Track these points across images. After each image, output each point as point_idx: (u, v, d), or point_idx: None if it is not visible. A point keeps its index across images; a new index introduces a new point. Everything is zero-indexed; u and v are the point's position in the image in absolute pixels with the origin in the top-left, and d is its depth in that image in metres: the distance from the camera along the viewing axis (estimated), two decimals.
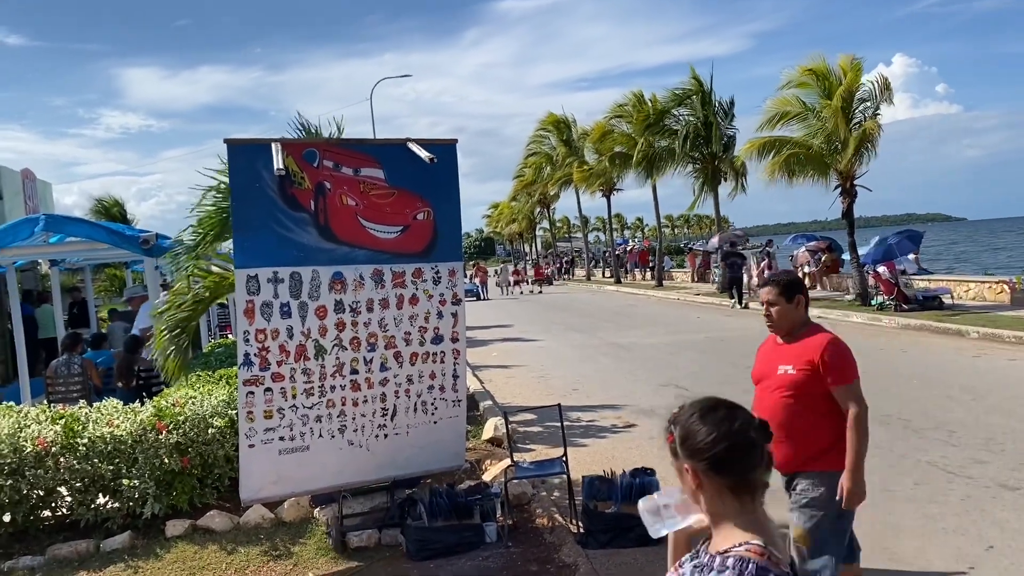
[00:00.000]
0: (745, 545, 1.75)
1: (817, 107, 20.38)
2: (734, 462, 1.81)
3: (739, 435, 1.82)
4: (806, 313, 4.04)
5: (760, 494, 1.85)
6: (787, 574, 1.74)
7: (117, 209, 30.42)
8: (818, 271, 25.96)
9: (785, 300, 3.97)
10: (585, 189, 41.33)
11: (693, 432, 1.87)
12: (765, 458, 1.84)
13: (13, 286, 11.47)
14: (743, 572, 1.70)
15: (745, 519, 1.81)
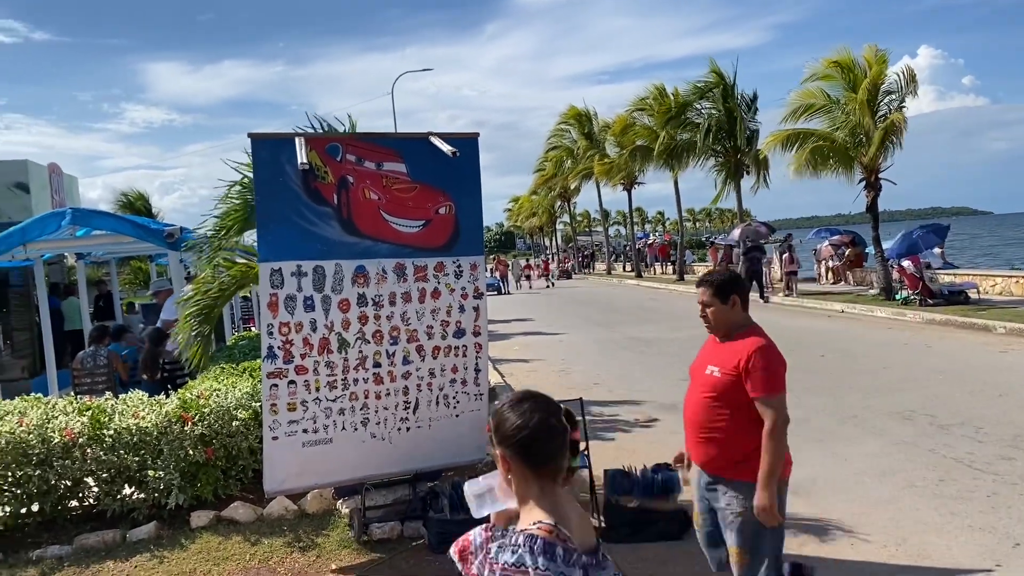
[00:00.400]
0: (537, 524, 1.94)
1: (842, 100, 20.21)
2: (536, 449, 2.01)
3: (541, 425, 2.00)
4: (744, 313, 3.88)
5: (561, 478, 2.04)
6: (573, 549, 1.91)
7: (142, 203, 30.67)
8: (842, 265, 25.77)
9: (720, 301, 3.84)
10: (606, 183, 41.25)
11: (502, 421, 2.07)
12: (567, 446, 2.04)
13: (41, 279, 11.60)
14: (532, 547, 1.89)
15: (545, 501, 2.00)
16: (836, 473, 6.76)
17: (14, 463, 5.82)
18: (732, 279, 3.93)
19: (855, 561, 5.05)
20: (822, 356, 12.42)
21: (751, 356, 3.63)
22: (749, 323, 3.86)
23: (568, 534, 1.93)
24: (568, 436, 2.05)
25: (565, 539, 1.92)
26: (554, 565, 1.87)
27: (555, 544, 1.90)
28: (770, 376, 3.60)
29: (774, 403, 3.59)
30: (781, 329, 16.07)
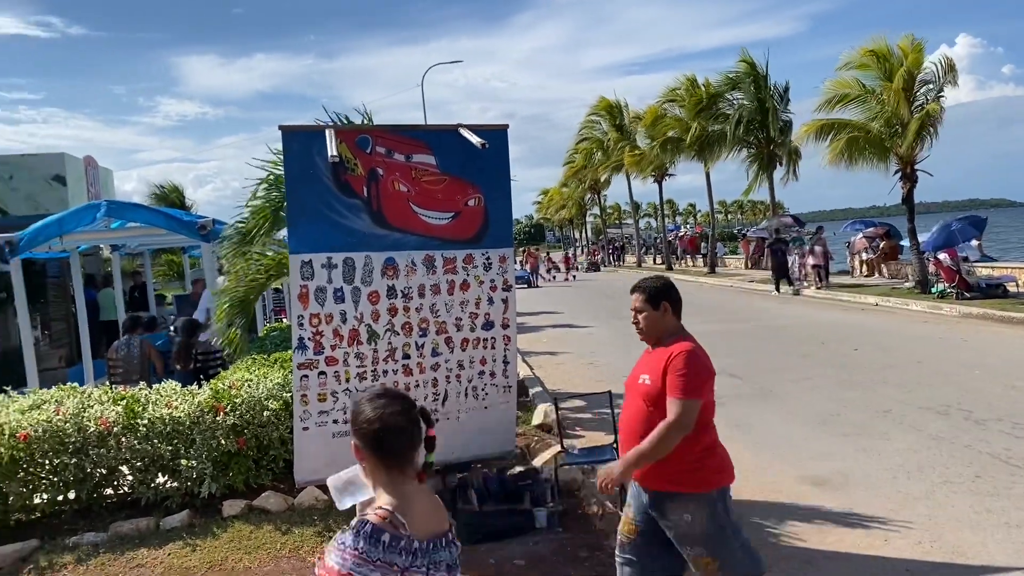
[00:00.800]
0: (376, 510, 2.11)
1: (877, 89, 19.89)
2: (384, 441, 2.18)
3: (390, 419, 2.17)
4: (676, 320, 3.82)
5: (411, 471, 2.22)
6: (403, 536, 2.08)
7: (176, 195, 31.11)
8: (876, 258, 25.41)
9: (651, 307, 3.78)
10: (636, 174, 41.01)
11: (358, 413, 2.24)
12: (417, 442, 2.22)
13: (77, 270, 11.80)
14: (360, 531, 2.05)
15: (392, 489, 2.17)
16: (868, 468, 6.67)
17: (51, 451, 5.93)
18: (664, 286, 3.88)
19: (888, 557, 4.98)
20: (855, 350, 12.27)
21: (673, 359, 3.58)
22: (680, 331, 3.81)
23: (403, 522, 2.09)
24: (422, 433, 2.24)
25: (398, 526, 2.08)
26: (374, 550, 2.04)
27: (383, 531, 2.06)
28: (687, 378, 3.52)
29: (680, 405, 3.50)
30: (813, 322, 15.93)
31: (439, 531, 2.20)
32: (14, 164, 15.40)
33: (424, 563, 2.11)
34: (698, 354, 3.63)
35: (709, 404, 3.67)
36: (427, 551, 2.12)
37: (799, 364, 11.41)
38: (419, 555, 2.10)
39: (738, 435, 7.90)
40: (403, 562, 2.07)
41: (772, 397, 9.44)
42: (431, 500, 2.28)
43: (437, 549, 2.16)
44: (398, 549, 2.06)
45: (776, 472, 6.72)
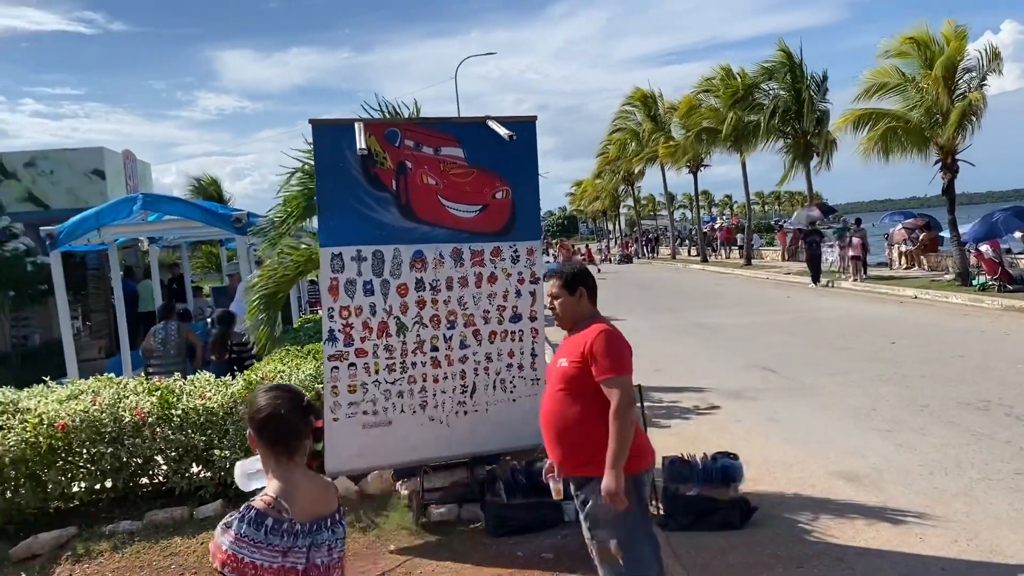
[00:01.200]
0: (262, 496, 2.32)
1: (917, 78, 19.50)
2: (269, 429, 2.38)
3: (276, 410, 2.38)
4: (591, 305, 3.84)
5: (299, 458, 2.41)
6: (286, 519, 2.28)
7: (214, 188, 31.45)
8: (915, 250, 24.96)
9: (568, 292, 3.81)
10: (671, 165, 40.69)
11: (251, 403, 2.47)
12: (304, 432, 2.41)
13: (115, 262, 12.00)
14: (245, 515, 2.25)
15: (280, 475, 2.38)
16: (904, 464, 6.56)
17: (88, 441, 6.04)
18: (580, 272, 3.91)
19: (922, 555, 4.89)
20: (892, 343, 12.07)
21: (594, 340, 3.60)
22: (595, 315, 3.82)
23: (286, 507, 2.30)
24: (309, 424, 2.44)
25: (280, 511, 2.29)
26: (256, 533, 2.24)
27: (267, 515, 2.27)
28: (613, 357, 3.56)
29: (617, 383, 3.53)
30: (850, 315, 15.71)
31: (324, 513, 2.42)
32: (54, 159, 15.69)
33: (305, 544, 2.32)
34: (614, 331, 3.68)
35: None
36: (309, 532, 2.34)
37: (835, 358, 11.26)
38: (300, 536, 2.31)
39: (771, 429, 7.83)
40: (284, 544, 2.28)
41: (806, 391, 9.32)
42: (319, 485, 2.50)
43: (320, 531, 2.38)
44: (280, 532, 2.27)
45: (808, 466, 6.64)
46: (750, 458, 6.80)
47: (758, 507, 5.55)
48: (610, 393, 3.53)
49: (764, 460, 6.85)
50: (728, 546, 5.13)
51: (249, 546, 2.23)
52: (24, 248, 13.65)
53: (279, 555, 2.26)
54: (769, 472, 6.55)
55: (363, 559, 5.33)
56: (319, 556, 2.36)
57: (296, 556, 2.30)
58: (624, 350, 3.63)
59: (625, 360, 3.60)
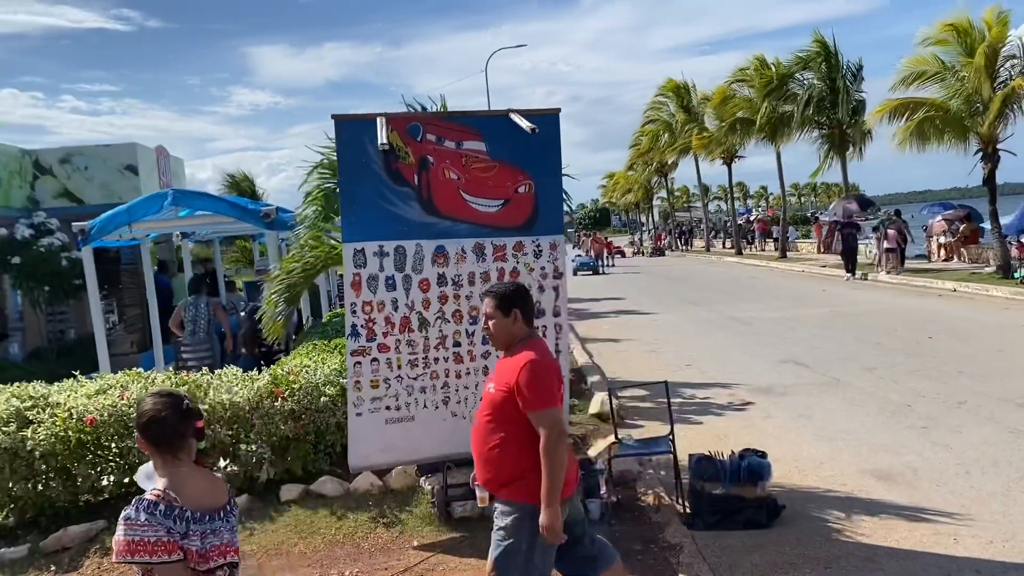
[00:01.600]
0: (152, 490, 2.57)
1: (957, 66, 19.05)
2: (152, 432, 2.63)
3: (157, 414, 2.63)
4: (527, 326, 3.71)
5: (184, 456, 2.66)
6: (177, 507, 2.52)
7: (247, 183, 31.73)
8: (955, 242, 24.45)
9: (502, 313, 3.65)
10: (705, 157, 40.34)
11: (138, 408, 2.73)
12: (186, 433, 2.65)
13: (147, 258, 12.14)
14: (138, 505, 2.50)
15: (166, 472, 2.62)
16: (939, 462, 6.39)
17: (116, 435, 6.09)
18: (515, 292, 3.75)
19: (956, 556, 4.76)
20: (929, 338, 11.81)
21: (520, 371, 3.48)
22: (529, 337, 3.69)
23: (175, 497, 2.55)
24: (190, 425, 2.67)
25: (170, 501, 2.53)
26: (152, 518, 2.48)
27: (158, 503, 2.51)
28: (538, 390, 3.45)
29: (545, 417, 3.43)
30: (886, 309, 15.42)
31: (214, 506, 2.67)
32: (89, 155, 15.91)
33: (200, 529, 2.57)
34: (544, 361, 3.56)
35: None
36: (201, 520, 2.58)
37: (870, 352, 11.04)
38: (193, 523, 2.55)
39: (802, 425, 7.70)
40: (180, 528, 2.52)
41: (840, 386, 9.15)
42: (207, 480, 2.75)
43: (212, 520, 2.63)
44: (172, 516, 2.52)
45: (840, 464, 6.50)
46: (780, 455, 6.70)
47: (785, 506, 5.45)
48: (538, 427, 3.45)
49: (794, 457, 6.73)
50: (754, 545, 5.03)
51: (143, 528, 2.47)
52: (59, 243, 13.84)
53: (177, 535, 2.51)
54: (799, 470, 6.43)
55: (386, 554, 5.32)
56: (216, 539, 2.62)
57: (193, 539, 2.55)
58: (551, 381, 3.53)
59: (552, 392, 3.50)
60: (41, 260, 13.68)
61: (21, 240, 13.76)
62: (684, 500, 5.69)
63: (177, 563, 2.51)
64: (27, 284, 13.93)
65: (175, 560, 2.51)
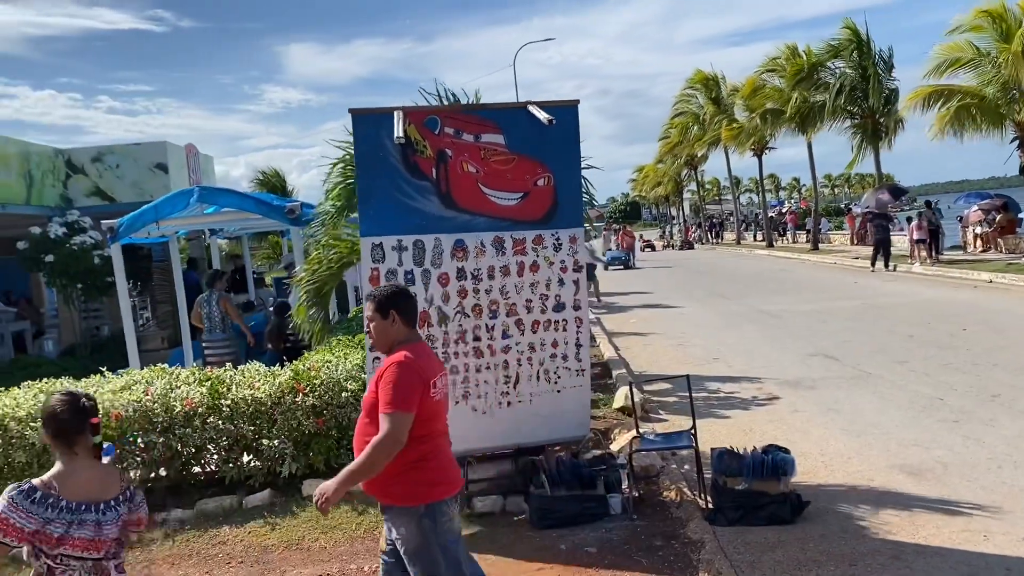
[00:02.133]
0: (40, 476, 2.92)
1: (992, 52, 18.64)
2: (50, 427, 2.99)
3: (54, 411, 2.97)
4: (408, 328, 3.67)
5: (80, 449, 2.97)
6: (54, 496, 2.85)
7: (277, 180, 31.98)
8: (992, 232, 23.96)
9: (380, 316, 3.61)
10: (735, 148, 39.89)
11: (42, 405, 3.14)
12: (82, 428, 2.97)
13: (176, 254, 12.26)
14: (21, 488, 2.84)
15: (62, 461, 2.96)
16: (971, 457, 6.25)
17: (140, 430, 6.16)
18: (394, 295, 3.70)
19: (986, 553, 4.63)
20: (964, 330, 11.57)
21: (385, 371, 3.49)
22: (408, 340, 3.64)
23: (55, 486, 2.87)
24: (86, 422, 2.98)
25: (50, 488, 2.86)
26: (25, 502, 2.81)
27: (37, 489, 2.84)
28: (393, 391, 3.41)
29: (389, 418, 3.39)
30: (919, 301, 15.13)
31: (98, 499, 2.95)
32: (120, 153, 16.15)
33: (66, 519, 2.85)
34: (410, 365, 3.49)
35: (428, 415, 3.51)
36: (74, 510, 2.88)
37: (901, 345, 10.84)
38: (63, 512, 2.85)
39: (830, 419, 7.57)
40: (46, 515, 2.82)
41: (870, 380, 8.99)
42: (98, 474, 3.02)
43: (87, 511, 2.90)
44: (45, 504, 2.83)
45: (867, 459, 6.38)
46: (807, 450, 6.59)
47: (810, 502, 5.34)
48: (380, 425, 3.42)
49: (821, 452, 6.62)
50: (777, 542, 4.94)
51: (15, 510, 2.80)
52: (92, 241, 14.05)
53: (39, 522, 2.81)
54: (825, 465, 6.32)
55: None
56: (81, 531, 2.88)
57: (56, 526, 2.84)
58: (411, 384, 3.45)
59: (405, 397, 3.43)
60: (74, 258, 13.89)
61: (54, 238, 13.99)
62: (706, 495, 5.62)
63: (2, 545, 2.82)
64: (60, 282, 14.16)
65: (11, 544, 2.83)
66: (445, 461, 3.65)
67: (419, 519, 3.49)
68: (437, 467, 3.58)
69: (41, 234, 14.04)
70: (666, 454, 6.47)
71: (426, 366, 3.56)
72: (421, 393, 3.47)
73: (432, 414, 3.55)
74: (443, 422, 3.71)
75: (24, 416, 6.11)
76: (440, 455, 3.62)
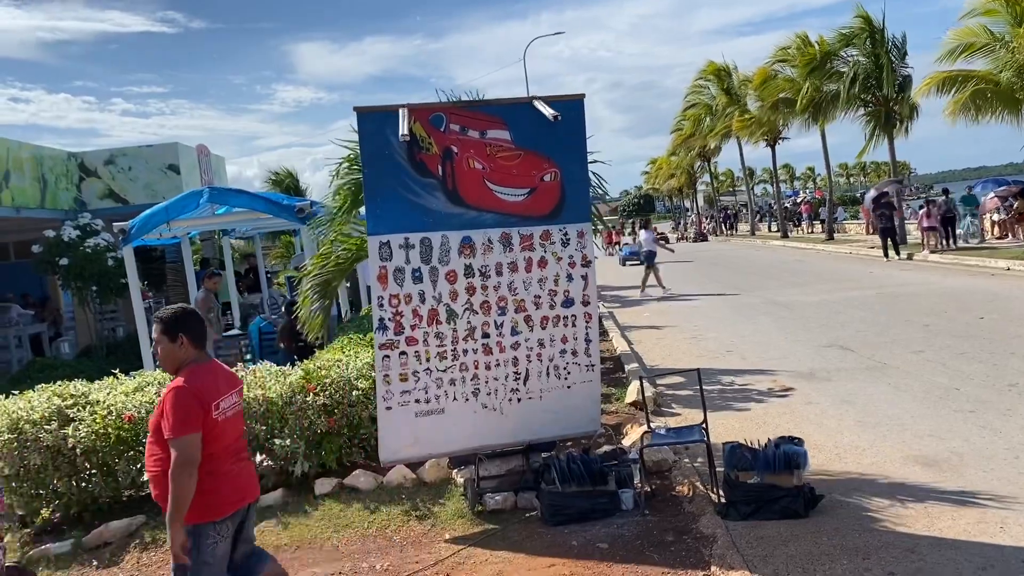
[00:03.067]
0: None
1: (1006, 36, 18.40)
2: None
3: None
4: (196, 350, 3.78)
5: None
6: None
7: (290, 180, 32.09)
8: (1009, 219, 23.68)
9: (168, 339, 3.72)
10: (747, 139, 39.64)
11: None
12: None
13: (188, 255, 12.33)
14: None
15: None
16: (988, 447, 6.17)
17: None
18: (182, 316, 3.81)
19: (1002, 545, 4.58)
20: (980, 318, 11.45)
21: (165, 398, 3.64)
22: (193, 362, 3.77)
23: None
24: None
25: None
26: None
27: None
28: (175, 417, 3.55)
29: (175, 445, 3.55)
30: (935, 289, 15.00)
31: None
32: (132, 155, 16.25)
33: None
34: (186, 390, 3.62)
35: (209, 437, 3.65)
36: None
37: (917, 335, 10.74)
38: None
39: (844, 411, 7.51)
40: None
41: (885, 370, 8.91)
42: None
43: None
44: None
45: (882, 451, 6.32)
46: (820, 442, 6.55)
47: (824, 495, 5.30)
48: (172, 452, 3.56)
49: (835, 444, 6.56)
50: (790, 535, 4.90)
51: None
52: (105, 244, 14.14)
53: None
54: (840, 457, 6.27)
55: (418, 547, 5.32)
56: None
57: None
58: (189, 407, 3.58)
59: (186, 420, 3.56)
60: (88, 260, 13.99)
61: (68, 241, 14.09)
62: (718, 489, 5.58)
63: None
64: (75, 284, 14.26)
65: None
66: (222, 484, 3.75)
67: (194, 538, 3.67)
68: (211, 489, 3.69)
69: (55, 237, 14.15)
70: (678, 448, 6.44)
71: (207, 388, 3.69)
72: (201, 412, 3.61)
73: (214, 436, 3.67)
74: (230, 440, 3.82)
75: (39, 419, 6.15)
76: (218, 476, 3.73)
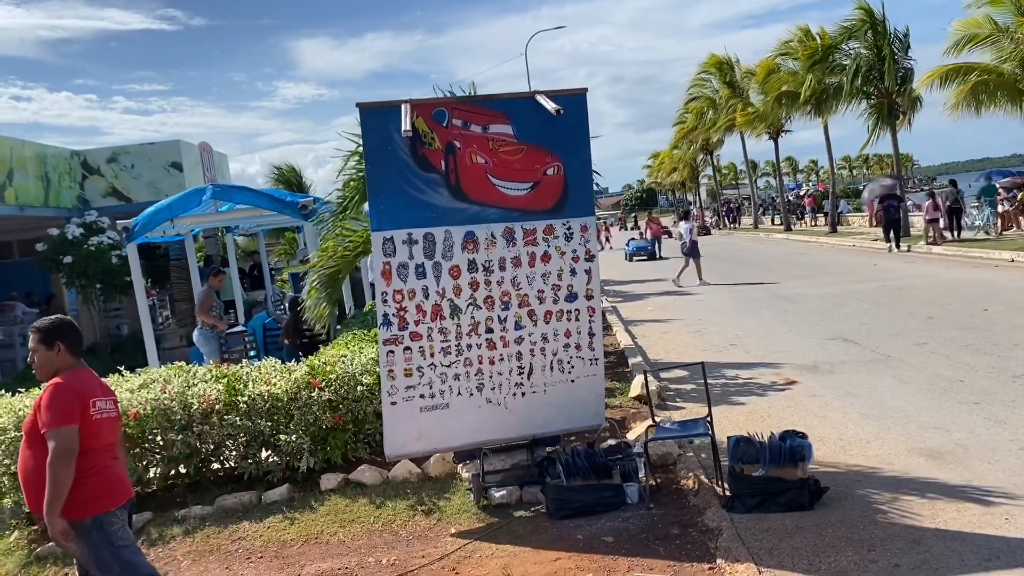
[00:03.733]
0: None
1: (1010, 27, 18.34)
2: None
3: None
4: (73, 358, 3.88)
5: None
6: None
7: (293, 176, 32.03)
8: (1014, 210, 23.61)
9: (45, 347, 3.81)
10: (750, 133, 39.56)
11: None
12: None
13: (192, 252, 12.35)
14: None
15: None
16: (993, 439, 6.17)
17: (158, 428, 6.21)
18: (58, 326, 3.90)
19: (1008, 537, 4.57)
20: (985, 310, 11.44)
21: (42, 396, 3.73)
22: (72, 368, 3.86)
23: None
24: None
25: None
26: None
27: None
28: (52, 410, 3.65)
29: (53, 436, 3.63)
30: (939, 282, 14.98)
31: None
32: (134, 153, 16.28)
33: None
34: (64, 385, 3.73)
35: (87, 433, 3.73)
36: None
37: (921, 327, 10.73)
38: None
39: (849, 404, 7.51)
40: None
41: (889, 363, 8.91)
42: None
43: None
44: None
45: (887, 443, 6.32)
46: (825, 435, 6.55)
47: (828, 487, 5.30)
48: (49, 445, 3.63)
49: (840, 437, 6.56)
50: (795, 528, 4.91)
51: None
52: (109, 242, 14.17)
53: None
54: (844, 450, 6.27)
55: (423, 542, 5.33)
56: None
57: None
58: (67, 400, 3.68)
59: (65, 413, 3.66)
60: (92, 258, 14.02)
61: (72, 239, 14.12)
62: (723, 483, 5.59)
63: None
64: (79, 282, 14.29)
65: None
66: (108, 475, 3.86)
67: (88, 532, 3.73)
68: (98, 482, 3.78)
69: (59, 235, 14.18)
70: (683, 442, 6.44)
71: (84, 387, 3.79)
72: (80, 407, 3.70)
73: (92, 433, 3.75)
74: (107, 440, 3.89)
75: None
76: (102, 471, 3.83)
